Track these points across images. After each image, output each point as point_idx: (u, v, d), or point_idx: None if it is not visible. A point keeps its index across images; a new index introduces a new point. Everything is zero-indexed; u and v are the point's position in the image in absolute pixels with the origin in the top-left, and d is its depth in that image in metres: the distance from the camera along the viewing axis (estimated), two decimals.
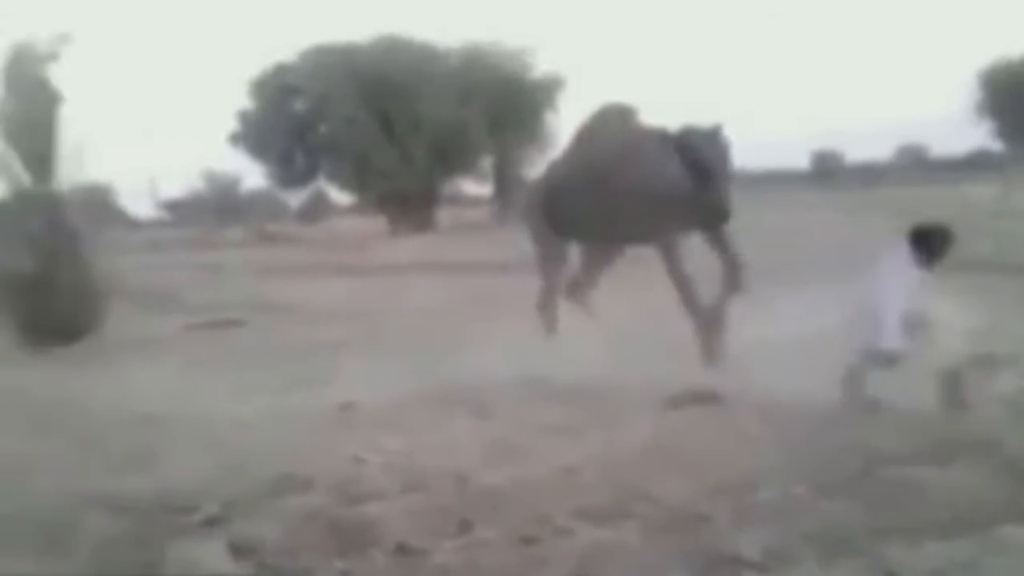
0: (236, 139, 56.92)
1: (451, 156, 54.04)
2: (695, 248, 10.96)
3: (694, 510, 6.08)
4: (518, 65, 55.41)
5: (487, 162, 55.86)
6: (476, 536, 5.90)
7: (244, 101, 56.41)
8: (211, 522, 6.44)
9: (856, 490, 6.29)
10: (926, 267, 8.58)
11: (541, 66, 56.09)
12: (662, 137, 10.96)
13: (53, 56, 16.95)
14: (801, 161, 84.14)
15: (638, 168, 10.84)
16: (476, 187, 59.81)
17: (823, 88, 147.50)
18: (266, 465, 7.65)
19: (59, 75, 17.15)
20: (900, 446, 7.15)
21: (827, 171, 79.60)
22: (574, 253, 12.22)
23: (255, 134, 55.79)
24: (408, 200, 52.52)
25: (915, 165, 77.55)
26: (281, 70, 55.42)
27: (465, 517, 6.16)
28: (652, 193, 10.68)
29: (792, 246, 21.31)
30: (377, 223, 53.42)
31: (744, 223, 10.89)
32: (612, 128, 11.58)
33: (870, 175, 71.60)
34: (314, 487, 7.07)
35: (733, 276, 10.76)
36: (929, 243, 8.61)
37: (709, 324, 10.66)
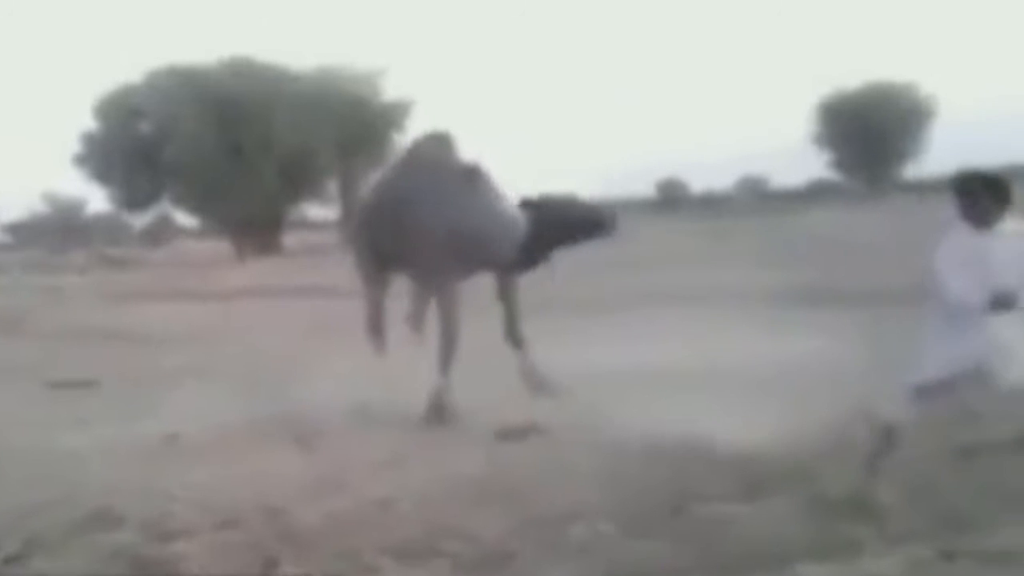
0: (80, 161, 56.02)
1: (299, 179, 53.78)
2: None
3: (503, 547, 6.08)
4: (367, 88, 55.40)
5: (334, 185, 55.60)
6: (281, 574, 5.84)
7: (89, 122, 55.66)
8: (10, 560, 6.26)
9: (665, 527, 6.33)
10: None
11: (390, 90, 56.29)
12: (469, 172, 10.96)
13: None
14: (646, 190, 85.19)
15: (433, 203, 10.76)
16: (322, 211, 59.60)
17: (667, 119, 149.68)
18: (84, 499, 7.47)
19: None
20: (717, 482, 7.21)
21: (673, 200, 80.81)
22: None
23: (99, 156, 54.92)
24: (254, 224, 52.09)
25: (756, 195, 79.25)
26: (127, 92, 54.61)
27: (272, 554, 6.08)
28: (442, 230, 10.63)
29: (637, 276, 21.72)
30: (222, 247, 52.87)
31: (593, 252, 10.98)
32: (423, 159, 11.52)
33: (714, 205, 73.05)
34: (125, 523, 6.91)
35: (512, 326, 10.94)
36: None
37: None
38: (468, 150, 11.27)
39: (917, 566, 5.53)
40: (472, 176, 10.89)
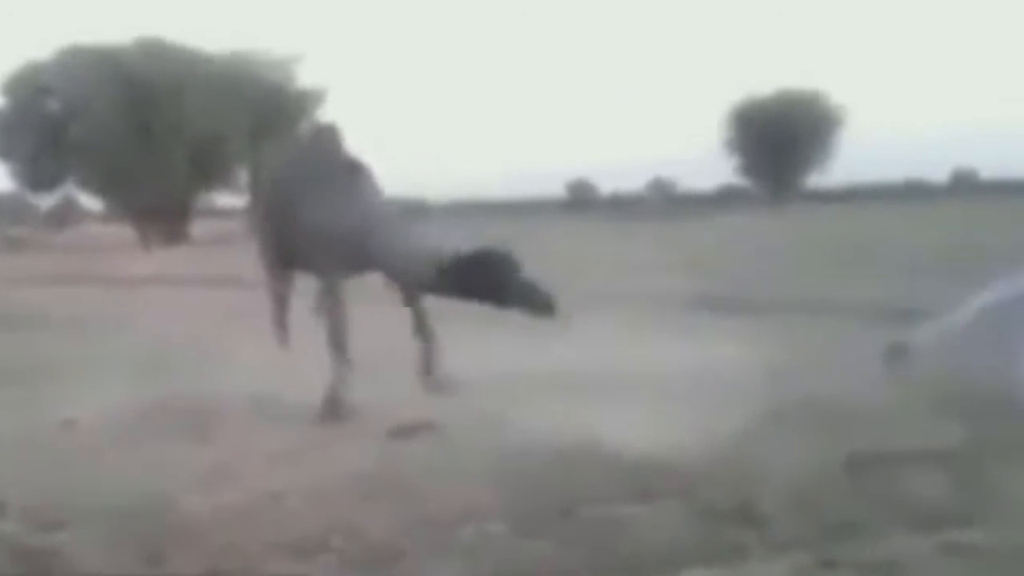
0: None
1: (209, 166, 53.31)
2: None
3: (392, 544, 6.06)
4: (281, 75, 55.13)
5: (243, 173, 55.11)
6: (166, 567, 5.77)
7: None
8: None
9: (555, 528, 6.34)
10: None
11: (304, 78, 56.06)
12: (351, 168, 10.80)
13: None
14: (556, 190, 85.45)
15: (316, 198, 10.58)
16: (231, 198, 59.05)
17: (577, 120, 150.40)
18: None
19: None
20: (611, 486, 7.20)
21: (582, 201, 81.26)
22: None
23: (2, 133, 54.06)
24: (160, 210, 51.52)
25: (664, 199, 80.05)
26: (36, 69, 53.80)
27: (157, 546, 6.01)
28: (322, 226, 10.46)
29: (544, 277, 21.67)
30: (129, 232, 52.24)
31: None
32: (310, 152, 11.40)
33: (623, 206, 73.61)
34: (6, 512, 6.83)
35: (422, 322, 10.80)
36: None
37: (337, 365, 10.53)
38: (358, 146, 11.13)
39: (800, 573, 5.60)
40: (354, 172, 10.75)
